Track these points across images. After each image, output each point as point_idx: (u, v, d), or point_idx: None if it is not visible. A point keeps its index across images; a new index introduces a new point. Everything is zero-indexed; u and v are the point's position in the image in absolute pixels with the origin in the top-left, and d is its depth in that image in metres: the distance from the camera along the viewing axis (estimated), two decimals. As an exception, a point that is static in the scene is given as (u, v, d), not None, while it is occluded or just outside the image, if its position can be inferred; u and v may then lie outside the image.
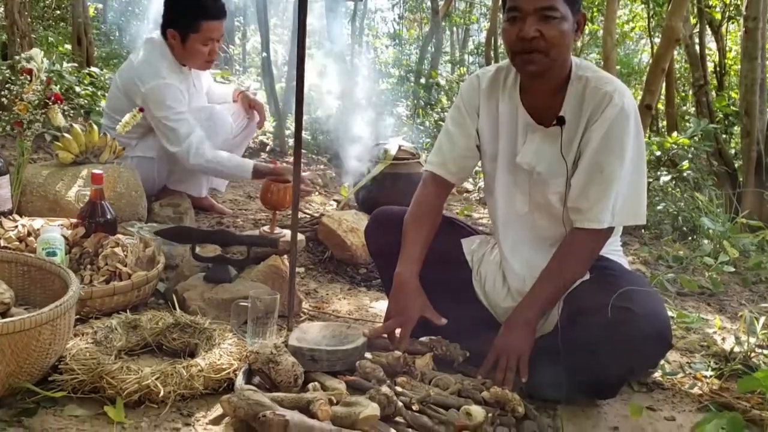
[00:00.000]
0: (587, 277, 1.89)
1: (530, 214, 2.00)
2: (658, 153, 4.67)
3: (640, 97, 5.37)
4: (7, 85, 2.50)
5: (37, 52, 2.54)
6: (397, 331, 1.94)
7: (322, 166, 5.37)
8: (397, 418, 1.61)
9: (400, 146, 3.28)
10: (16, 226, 2.23)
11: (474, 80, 2.06)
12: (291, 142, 5.49)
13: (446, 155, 2.06)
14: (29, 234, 2.21)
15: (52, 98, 2.52)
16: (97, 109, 4.84)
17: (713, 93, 6.40)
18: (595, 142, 1.82)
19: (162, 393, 1.59)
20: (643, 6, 7.82)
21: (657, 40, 5.92)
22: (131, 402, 1.59)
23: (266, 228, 2.65)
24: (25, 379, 1.55)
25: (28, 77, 2.50)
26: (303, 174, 3.03)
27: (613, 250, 2.03)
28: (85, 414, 1.57)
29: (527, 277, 1.96)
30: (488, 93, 2.01)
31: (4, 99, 2.53)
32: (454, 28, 12.69)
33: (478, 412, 1.65)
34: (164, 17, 3.05)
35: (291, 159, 5.42)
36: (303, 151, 5.90)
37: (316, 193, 3.74)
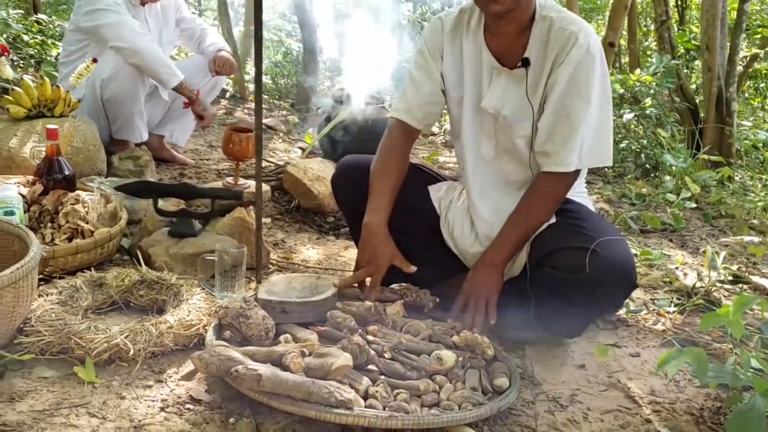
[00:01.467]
0: (553, 220, 1.91)
1: (496, 159, 1.99)
2: (621, 91, 4.68)
3: (603, 35, 5.35)
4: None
5: (-22, 1, 2.41)
6: (367, 280, 1.95)
7: (284, 112, 5.28)
8: (370, 366, 1.63)
9: (363, 90, 3.22)
10: (-30, 186, 2.15)
11: (437, 23, 2.01)
12: (252, 87, 5.37)
13: (411, 101, 2.03)
14: (-16, 193, 2.14)
15: (-2, 50, 2.41)
16: (48, 58, 4.67)
17: (675, 28, 6.40)
18: (561, 84, 1.81)
19: (132, 351, 1.57)
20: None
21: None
22: (101, 361, 1.58)
23: (230, 179, 2.60)
24: (-11, 343, 1.52)
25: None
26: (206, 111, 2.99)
27: (578, 192, 2.04)
28: (55, 375, 1.55)
29: (495, 222, 1.96)
30: (452, 35, 1.97)
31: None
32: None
33: (448, 356, 1.67)
34: None
35: (251, 106, 5.31)
36: (264, 96, 5.81)
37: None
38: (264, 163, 3.35)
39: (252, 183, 2.82)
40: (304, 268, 2.47)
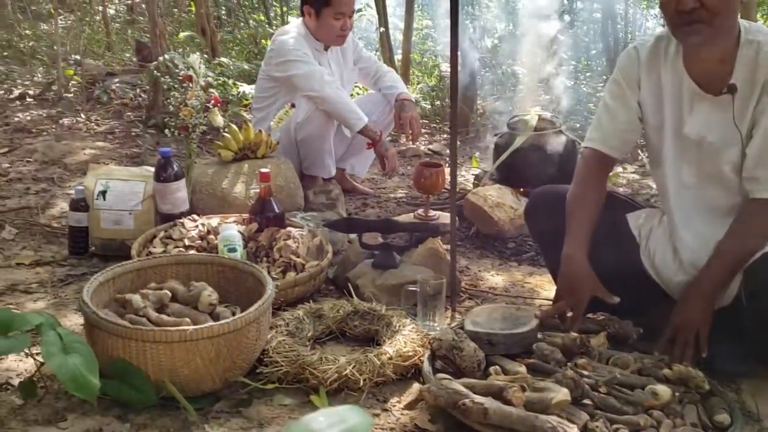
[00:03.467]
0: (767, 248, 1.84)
1: (699, 185, 1.95)
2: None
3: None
4: (172, 93, 2.68)
5: (195, 59, 2.70)
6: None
7: (445, 136, 5.39)
8: (585, 401, 1.65)
9: (539, 116, 3.24)
10: (197, 226, 2.41)
11: (632, 52, 2.01)
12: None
13: (607, 130, 2.04)
14: (209, 232, 2.39)
15: (212, 102, 2.68)
16: (231, 98, 5.06)
17: None
18: (774, 109, 1.75)
19: (361, 382, 1.70)
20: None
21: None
22: (331, 390, 1.71)
23: (420, 212, 2.72)
24: (237, 373, 1.71)
25: (189, 83, 2.67)
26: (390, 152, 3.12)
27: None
28: (293, 403, 1.70)
29: (700, 249, 1.92)
30: (649, 64, 1.97)
31: (170, 106, 2.72)
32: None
33: (664, 391, 1.66)
34: None
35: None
36: (424, 120, 5.92)
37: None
38: (444, 192, 3.46)
39: (440, 214, 2.94)
40: (493, 295, 2.53)
